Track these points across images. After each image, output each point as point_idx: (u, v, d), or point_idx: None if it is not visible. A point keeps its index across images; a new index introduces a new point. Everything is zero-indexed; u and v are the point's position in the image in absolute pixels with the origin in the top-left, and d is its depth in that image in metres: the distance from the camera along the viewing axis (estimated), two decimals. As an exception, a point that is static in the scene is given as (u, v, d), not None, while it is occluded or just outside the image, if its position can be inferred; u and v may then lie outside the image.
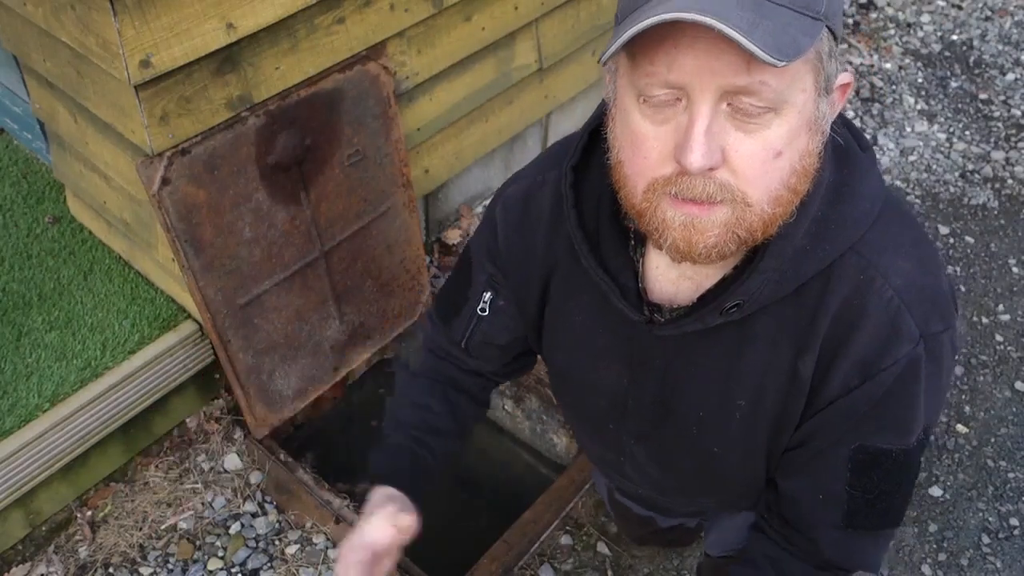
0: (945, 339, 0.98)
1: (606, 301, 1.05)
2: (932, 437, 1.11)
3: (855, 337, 0.97)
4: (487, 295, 1.22)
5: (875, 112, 3.27)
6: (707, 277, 1.00)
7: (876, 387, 0.98)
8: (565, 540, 1.99)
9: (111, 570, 1.91)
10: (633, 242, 1.04)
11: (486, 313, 1.23)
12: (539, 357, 1.34)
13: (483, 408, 1.39)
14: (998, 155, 3.08)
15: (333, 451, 2.26)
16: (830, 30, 0.82)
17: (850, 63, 3.48)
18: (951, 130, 3.19)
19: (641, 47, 0.81)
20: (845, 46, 3.53)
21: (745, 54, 0.75)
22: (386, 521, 1.08)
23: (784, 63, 0.74)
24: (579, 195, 1.05)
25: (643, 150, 0.86)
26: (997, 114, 3.26)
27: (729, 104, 0.81)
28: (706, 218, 0.86)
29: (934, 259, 1.01)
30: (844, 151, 0.98)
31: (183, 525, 1.99)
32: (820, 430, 1.05)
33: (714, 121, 0.81)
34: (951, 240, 2.78)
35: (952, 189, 2.96)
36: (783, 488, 1.13)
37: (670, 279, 1.04)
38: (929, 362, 0.98)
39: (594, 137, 1.04)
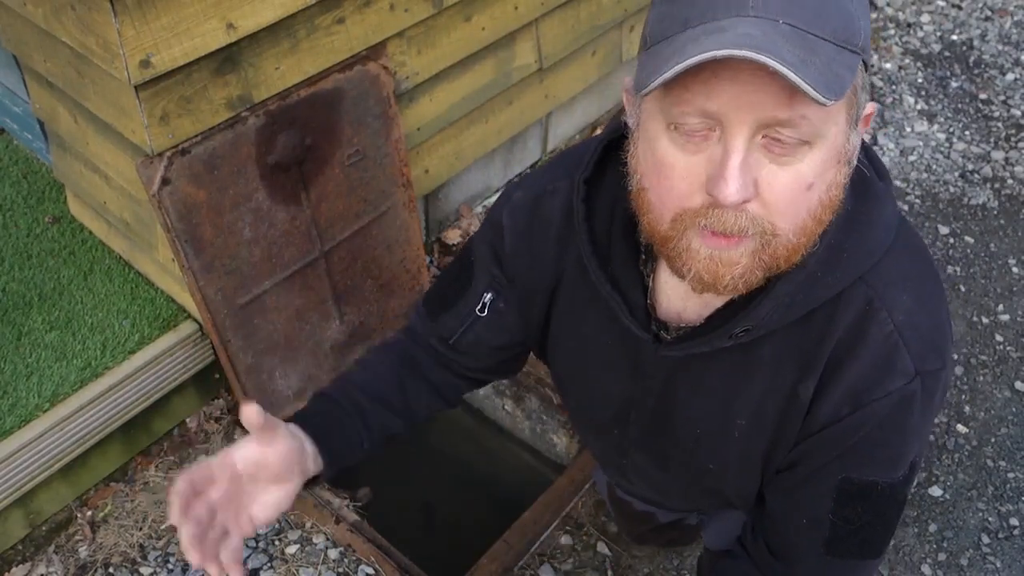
0: (941, 376, 0.99)
1: (613, 315, 1.05)
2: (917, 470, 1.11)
3: (851, 365, 0.97)
4: (488, 295, 1.21)
5: (875, 112, 3.27)
6: (716, 296, 0.99)
7: (865, 418, 0.98)
8: (565, 540, 1.99)
9: (111, 570, 1.91)
10: (643, 256, 1.04)
11: (484, 314, 1.21)
12: (529, 360, 1.34)
13: (441, 403, 1.33)
14: (998, 155, 3.08)
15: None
16: (863, 62, 0.82)
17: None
18: (951, 130, 3.19)
19: (677, 75, 0.79)
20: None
21: (787, 87, 0.75)
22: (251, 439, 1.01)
23: (833, 101, 0.74)
24: (590, 209, 1.05)
25: (671, 179, 0.85)
26: (997, 114, 3.26)
27: (764, 136, 0.80)
28: (733, 251, 0.85)
29: (938, 295, 1.01)
30: (862, 179, 0.97)
31: (183, 525, 1.99)
32: (808, 455, 1.05)
33: (749, 154, 0.80)
34: (951, 240, 2.78)
35: (952, 189, 2.96)
36: (769, 506, 1.14)
37: (679, 295, 1.03)
38: (923, 399, 0.98)
39: (608, 151, 1.03)
